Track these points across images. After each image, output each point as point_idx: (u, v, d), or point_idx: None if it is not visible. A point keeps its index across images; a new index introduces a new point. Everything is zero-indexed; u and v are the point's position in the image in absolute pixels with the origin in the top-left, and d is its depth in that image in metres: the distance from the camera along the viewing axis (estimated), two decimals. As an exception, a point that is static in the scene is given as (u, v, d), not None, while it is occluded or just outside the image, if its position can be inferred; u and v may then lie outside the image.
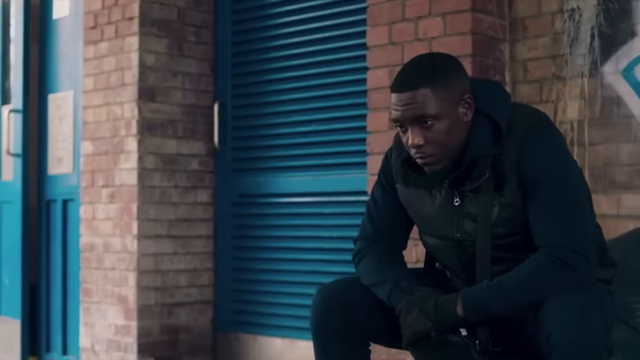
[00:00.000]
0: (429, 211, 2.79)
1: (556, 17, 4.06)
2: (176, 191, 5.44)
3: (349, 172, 4.96)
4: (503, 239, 2.67)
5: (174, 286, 5.41)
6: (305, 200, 5.21)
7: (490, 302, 2.57)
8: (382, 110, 4.31)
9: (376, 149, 4.35)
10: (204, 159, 5.57)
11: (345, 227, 5.00)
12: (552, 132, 2.70)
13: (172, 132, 5.43)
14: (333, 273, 4.97)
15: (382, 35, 4.32)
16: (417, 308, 2.63)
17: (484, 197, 2.67)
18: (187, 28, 5.53)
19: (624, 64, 3.89)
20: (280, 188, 5.32)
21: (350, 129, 4.94)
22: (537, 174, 2.60)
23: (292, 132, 5.27)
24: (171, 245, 5.41)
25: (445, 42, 4.09)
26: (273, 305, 5.33)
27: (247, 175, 5.52)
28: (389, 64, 4.29)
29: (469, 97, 2.65)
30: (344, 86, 4.96)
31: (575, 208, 2.61)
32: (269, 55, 5.39)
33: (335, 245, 5.05)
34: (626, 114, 3.87)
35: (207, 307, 5.57)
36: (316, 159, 5.15)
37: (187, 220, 5.48)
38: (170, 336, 5.38)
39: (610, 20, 3.93)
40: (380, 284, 2.80)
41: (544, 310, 2.49)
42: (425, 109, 2.59)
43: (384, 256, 2.88)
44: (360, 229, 2.99)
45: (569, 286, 2.51)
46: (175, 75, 5.46)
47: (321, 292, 2.89)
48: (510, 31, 4.18)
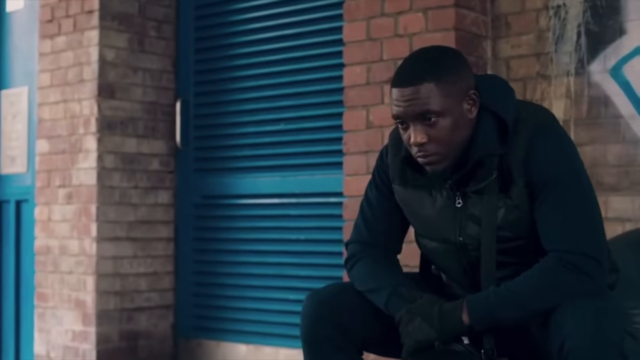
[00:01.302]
0: (428, 213, 2.64)
1: (541, 14, 3.96)
2: (136, 192, 5.25)
3: (318, 173, 4.81)
4: (508, 243, 2.54)
5: (134, 290, 5.21)
6: (272, 202, 5.05)
7: (498, 309, 2.42)
8: (359, 109, 4.18)
9: (352, 148, 4.21)
10: (165, 159, 5.39)
11: (314, 230, 4.86)
12: (560, 130, 2.58)
13: (133, 131, 5.24)
14: (300, 277, 4.86)
15: (360, 31, 4.18)
16: (419, 316, 2.48)
17: (488, 198, 2.53)
18: (148, 23, 5.34)
19: (612, 63, 3.80)
20: (246, 189, 5.15)
21: (321, 128, 4.80)
22: (546, 174, 2.47)
23: (259, 131, 5.10)
24: (131, 248, 5.21)
25: (427, 38, 3.96)
26: (237, 310, 5.16)
27: (210, 176, 5.34)
28: (367, 61, 4.15)
29: (474, 93, 2.51)
30: (316, 84, 4.81)
31: (586, 210, 2.49)
32: (234, 52, 5.21)
33: (304, 248, 4.90)
34: (614, 114, 3.78)
35: (167, 312, 5.38)
36: (284, 159, 4.99)
37: (147, 222, 5.29)
38: (129, 342, 5.19)
39: (598, 18, 3.83)
40: (376, 290, 2.65)
41: (557, 317, 2.36)
42: (429, 105, 2.45)
43: (379, 260, 2.73)
44: (353, 232, 2.83)
45: (581, 292, 2.38)
46: (136, 72, 5.27)
47: (313, 297, 2.73)
48: (493, 28, 4.06)
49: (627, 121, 3.75)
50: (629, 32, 3.77)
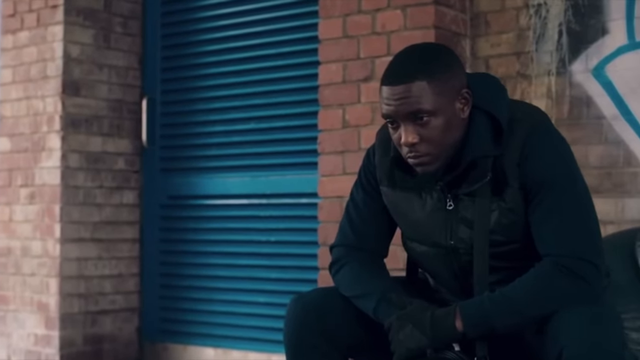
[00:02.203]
0: (418, 216, 2.55)
1: (521, 12, 3.90)
2: (101, 192, 5.12)
3: (289, 173, 4.72)
4: (501, 247, 2.46)
5: (98, 293, 5.08)
6: (241, 203, 4.95)
7: (494, 315, 2.34)
8: (335, 108, 4.09)
9: (328, 148, 4.12)
10: (130, 158, 5.27)
11: (285, 231, 4.77)
12: (555, 131, 2.51)
13: (97, 129, 5.11)
14: (271, 279, 4.77)
15: (336, 28, 4.09)
16: (410, 323, 2.39)
17: (481, 200, 2.45)
18: (114, 18, 5.22)
19: (594, 63, 3.74)
20: (214, 189, 5.04)
21: (293, 127, 4.72)
22: (541, 176, 2.39)
23: (228, 130, 5.00)
24: (95, 250, 5.08)
25: (406, 36, 3.89)
26: (205, 313, 5.05)
27: (177, 176, 5.22)
28: (343, 59, 4.07)
29: (467, 92, 2.43)
30: (288, 82, 4.72)
31: (582, 213, 2.42)
32: (202, 49, 5.10)
33: (274, 250, 4.80)
34: (596, 115, 3.73)
35: (133, 315, 5.25)
36: (254, 159, 4.89)
37: (112, 223, 5.16)
38: (94, 346, 5.06)
39: (580, 17, 3.78)
40: (364, 296, 2.55)
41: (554, 324, 2.28)
42: (421, 104, 2.36)
43: (365, 265, 2.64)
44: (339, 235, 2.74)
45: (578, 297, 2.31)
46: (101, 68, 5.14)
47: (297, 302, 2.63)
48: (472, 26, 3.99)
49: (609, 122, 3.70)
50: (612, 32, 3.72)
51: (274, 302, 4.75)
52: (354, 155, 4.02)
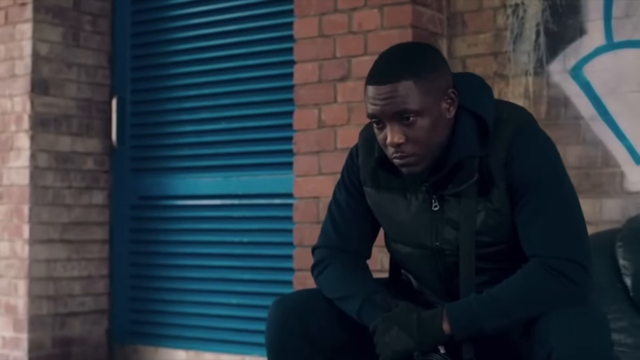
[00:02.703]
0: (403, 217, 2.52)
1: (498, 12, 3.88)
2: (70, 192, 5.05)
3: (262, 173, 4.67)
4: (487, 248, 2.43)
5: (68, 295, 5.01)
6: (213, 203, 4.89)
7: (481, 317, 2.31)
8: (310, 108, 4.06)
9: (303, 148, 4.09)
10: (99, 158, 5.20)
11: (257, 232, 4.72)
12: (541, 131, 2.49)
13: (67, 129, 5.04)
14: (243, 280, 4.73)
15: (312, 27, 4.06)
16: (397, 325, 2.36)
17: (467, 201, 2.42)
18: (83, 16, 5.15)
19: (572, 63, 3.74)
20: (185, 190, 4.98)
21: (266, 127, 4.67)
22: (528, 177, 2.37)
23: (199, 130, 4.94)
24: (64, 251, 5.01)
25: (383, 35, 3.86)
26: (176, 314, 4.99)
27: (147, 176, 5.16)
28: (319, 58, 4.03)
29: (453, 92, 2.40)
30: (261, 82, 4.67)
31: (570, 213, 2.40)
32: (173, 48, 5.05)
33: (247, 250, 4.75)
34: (574, 115, 3.72)
35: (102, 317, 5.19)
36: (227, 159, 4.84)
37: (81, 224, 5.09)
38: (63, 349, 4.98)
39: (557, 17, 3.77)
40: (347, 298, 2.51)
41: (542, 325, 2.25)
42: (408, 104, 2.32)
43: (349, 266, 2.60)
44: (321, 236, 2.69)
45: (567, 298, 2.29)
46: (71, 67, 5.07)
47: (279, 304, 2.58)
48: (449, 26, 3.98)
49: (587, 122, 3.70)
50: (590, 32, 3.71)
51: (246, 303, 4.71)
52: (330, 155, 3.99)
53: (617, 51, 3.66)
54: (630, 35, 3.63)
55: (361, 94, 3.79)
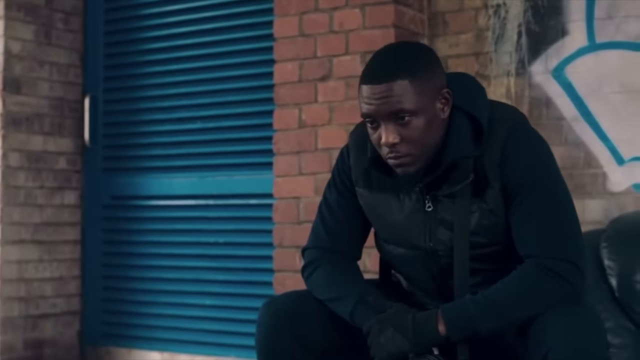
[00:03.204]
0: (396, 218, 2.50)
1: (480, 12, 3.88)
2: (42, 192, 4.98)
3: (238, 174, 4.63)
4: (481, 249, 2.42)
5: (39, 296, 4.94)
6: (188, 203, 4.84)
7: (477, 318, 2.30)
8: (291, 107, 4.03)
9: (283, 148, 4.05)
10: (72, 157, 5.13)
11: (233, 232, 4.68)
12: (534, 132, 2.50)
13: (39, 128, 4.96)
14: (219, 281, 4.69)
15: (292, 26, 4.04)
16: (391, 326, 2.34)
17: (461, 202, 2.41)
18: (56, 14, 5.07)
19: (554, 64, 3.74)
20: (159, 190, 4.93)
21: (242, 127, 4.63)
22: (522, 178, 2.37)
23: (174, 129, 4.89)
24: (36, 252, 4.94)
25: (365, 35, 3.84)
26: (150, 316, 4.94)
27: (120, 176, 5.11)
28: (299, 57, 4.00)
29: (447, 92, 2.39)
30: (238, 81, 4.63)
31: (564, 214, 2.40)
32: (147, 47, 4.99)
33: (223, 251, 4.71)
34: (556, 116, 3.73)
35: (74, 319, 5.11)
36: (202, 159, 4.79)
37: (53, 224, 5.02)
38: (34, 351, 4.91)
39: (539, 18, 3.77)
40: (339, 299, 2.49)
41: (539, 326, 2.25)
42: (403, 104, 2.31)
43: (340, 267, 2.58)
44: (311, 237, 2.67)
45: (562, 299, 2.29)
46: (43, 66, 4.99)
47: (269, 306, 2.55)
48: (430, 26, 3.97)
49: (569, 123, 3.70)
50: (572, 33, 3.72)
51: (222, 304, 4.67)
52: (311, 155, 3.97)
53: (599, 52, 3.67)
54: (613, 36, 3.64)
55: (342, 93, 3.83)
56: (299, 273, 3.89)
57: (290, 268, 4.01)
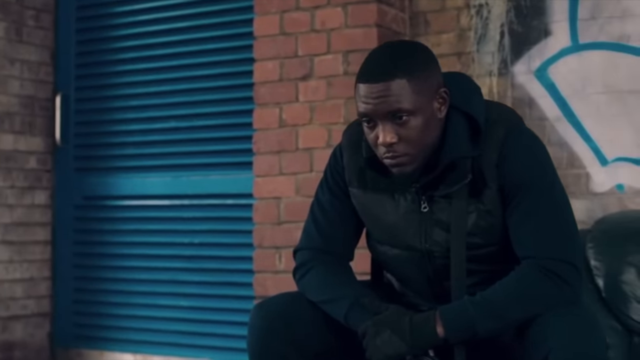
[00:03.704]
0: (391, 219, 2.48)
1: (462, 12, 3.87)
2: (12, 192, 4.89)
3: (213, 173, 4.58)
4: (478, 250, 2.41)
5: (9, 298, 4.85)
6: (162, 203, 4.78)
7: (476, 320, 2.28)
8: (271, 107, 3.99)
9: (263, 148, 4.01)
10: (42, 157, 5.05)
11: (209, 233, 4.63)
12: (531, 132, 2.48)
13: (9, 126, 4.88)
14: (193, 282, 4.63)
15: (272, 24, 3.99)
16: (388, 328, 2.31)
17: (458, 202, 2.39)
18: (26, 11, 4.99)
19: (537, 64, 3.74)
20: (133, 189, 4.86)
21: (218, 126, 4.58)
22: (520, 179, 2.35)
23: (148, 128, 4.83)
24: (6, 252, 4.85)
25: (347, 34, 3.81)
26: (123, 317, 4.87)
27: (92, 175, 5.03)
28: (280, 56, 3.97)
29: (445, 92, 2.37)
30: (214, 80, 4.57)
31: (561, 215, 2.39)
32: (121, 45, 4.92)
33: (197, 252, 4.65)
34: (539, 116, 3.73)
35: (44, 321, 5.03)
36: (176, 159, 4.73)
37: (23, 224, 4.94)
38: (4, 354, 4.82)
39: (522, 18, 3.77)
40: (333, 301, 2.46)
41: (538, 327, 2.24)
42: (401, 103, 2.28)
43: (334, 269, 2.55)
44: (303, 238, 2.63)
45: (561, 300, 2.28)
46: (13, 63, 4.91)
47: (262, 308, 2.51)
48: (411, 26, 3.95)
49: (552, 123, 3.70)
50: (555, 34, 3.72)
51: (197, 305, 4.61)
52: (291, 155, 3.93)
53: (582, 53, 3.67)
54: (596, 37, 3.65)
55: (324, 93, 3.80)
56: (280, 274, 3.93)
57: (270, 269, 3.97)
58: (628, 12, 3.60)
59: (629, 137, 3.59)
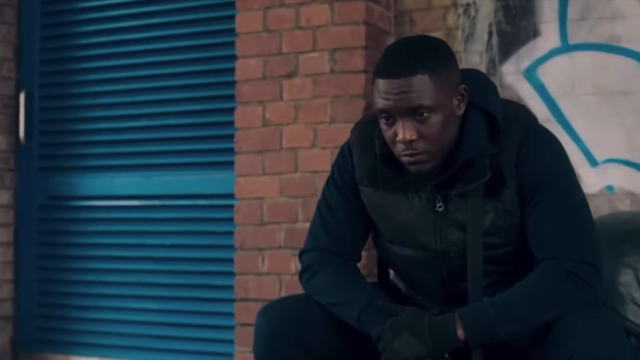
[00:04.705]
0: (404, 218, 2.42)
1: (449, 11, 3.84)
2: (-26, 192, 4.75)
3: (185, 173, 4.48)
4: (494, 250, 2.38)
5: (-29, 301, 4.71)
6: (131, 204, 4.66)
7: (498, 322, 2.23)
8: (254, 105, 3.91)
9: (245, 147, 3.93)
10: (4, 155, 4.90)
11: (180, 234, 4.53)
12: (549, 131, 2.46)
13: (-29, 124, 4.74)
14: (164, 285, 4.55)
15: (255, 21, 3.92)
16: (406, 331, 2.26)
17: (474, 201, 2.35)
18: (-11, 6, 4.85)
19: (526, 64, 3.72)
20: (100, 190, 4.74)
21: (196, 125, 4.47)
22: (540, 178, 2.33)
23: (116, 127, 4.70)
24: (-32, 254, 4.71)
25: (334, 31, 3.75)
26: (90, 321, 4.74)
27: (57, 175, 4.89)
28: (264, 54, 3.89)
29: (464, 88, 2.33)
30: (190, 78, 4.47)
31: (581, 215, 2.36)
32: (88, 41, 4.78)
33: (169, 254, 4.55)
34: (528, 117, 3.68)
35: (6, 324, 4.88)
36: (147, 158, 4.62)
37: (-15, 225, 4.80)
38: (-35, 359, 4.68)
39: (511, 18, 3.74)
40: (344, 304, 2.40)
41: (560, 329, 2.20)
42: (422, 99, 2.24)
43: (343, 270, 2.50)
44: (310, 239, 2.57)
45: (583, 301, 2.25)
46: (-24, 59, 4.77)
47: (269, 310, 2.45)
48: (396, 24, 3.90)
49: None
50: (544, 34, 3.71)
51: (167, 309, 4.51)
52: (275, 155, 3.86)
53: (572, 53, 3.66)
54: (586, 38, 3.64)
55: (309, 92, 3.74)
56: (262, 276, 3.85)
57: (252, 271, 3.89)
58: (618, 13, 3.59)
59: (619, 138, 3.59)
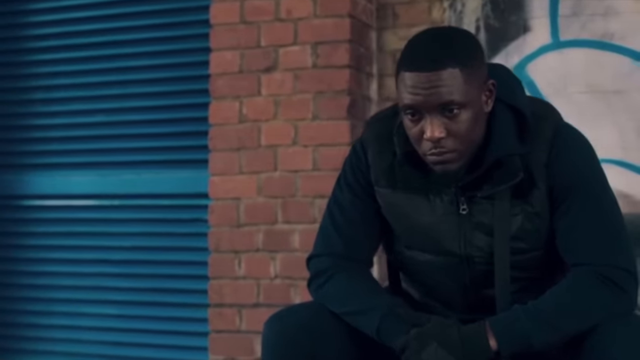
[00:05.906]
0: (425, 221, 2.27)
1: (434, 5, 3.73)
2: None
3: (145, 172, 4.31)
4: (522, 255, 2.24)
5: None
6: (87, 204, 4.46)
7: (532, 331, 2.09)
8: (229, 100, 3.74)
9: (220, 144, 3.76)
10: (-51, 153, 4.65)
11: (140, 236, 4.35)
12: (578, 130, 2.32)
13: None
14: (122, 289, 4.36)
15: (232, 12, 3.75)
16: (435, 341, 2.10)
17: (501, 204, 2.20)
18: None
19: (515, 61, 3.63)
20: (53, 189, 4.52)
21: (163, 121, 4.29)
22: (571, 179, 2.19)
23: (71, 123, 4.50)
24: None
25: (316, 24, 3.61)
26: (42, 327, 4.53)
27: (7, 173, 4.65)
28: (240, 47, 3.72)
29: (492, 83, 2.19)
30: (157, 71, 4.29)
31: (615, 219, 2.23)
32: (42, 31, 4.56)
33: (128, 256, 4.36)
34: (517, 115, 3.59)
35: (-50, 332, 4.64)
36: (104, 156, 4.42)
37: None
38: None
39: (499, 13, 3.65)
40: (362, 313, 2.23)
41: (599, 336, 2.06)
42: (453, 95, 2.08)
43: (358, 276, 2.33)
44: (321, 243, 2.39)
45: (619, 309, 2.12)
46: None
47: (281, 319, 2.27)
48: (378, 18, 3.76)
49: (531, 121, 3.59)
50: (534, 30, 3.62)
51: (127, 314, 4.32)
52: (253, 153, 3.69)
53: (563, 50, 3.57)
54: (578, 34, 3.56)
55: (290, 87, 3.58)
56: (239, 280, 3.67)
57: (228, 275, 3.71)
58: (611, 10, 3.52)
59: (613, 138, 3.51)
